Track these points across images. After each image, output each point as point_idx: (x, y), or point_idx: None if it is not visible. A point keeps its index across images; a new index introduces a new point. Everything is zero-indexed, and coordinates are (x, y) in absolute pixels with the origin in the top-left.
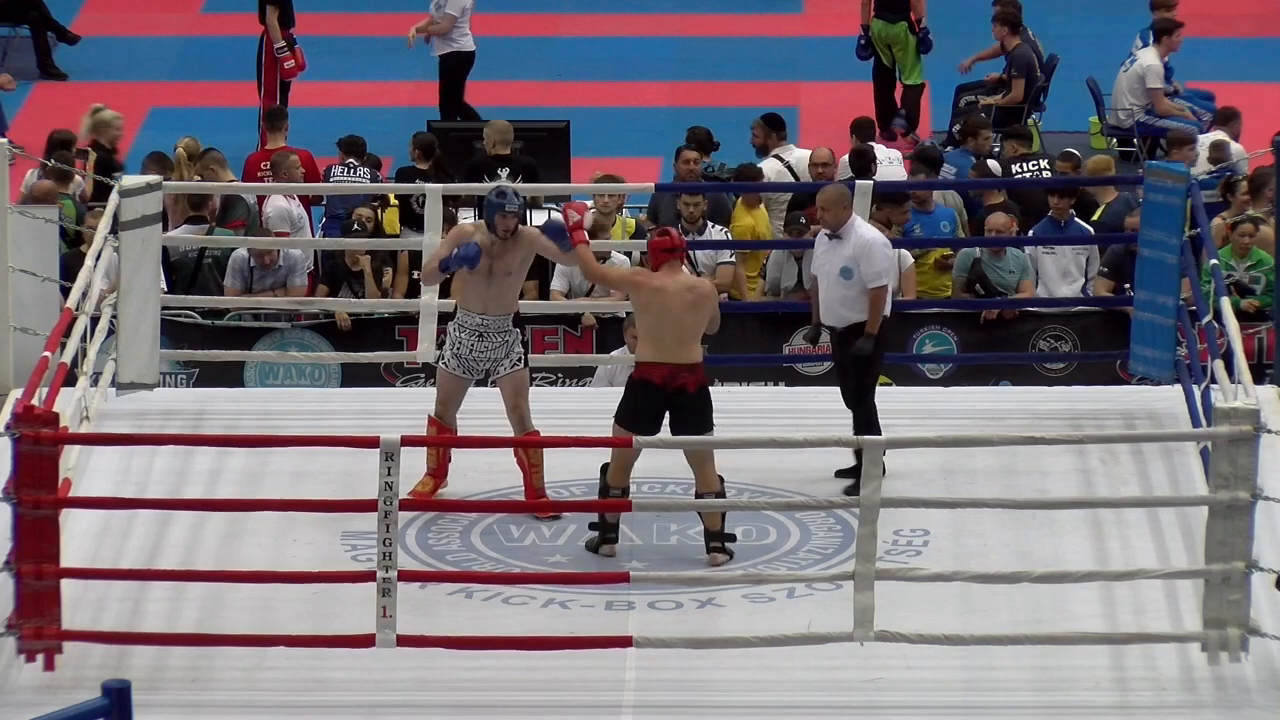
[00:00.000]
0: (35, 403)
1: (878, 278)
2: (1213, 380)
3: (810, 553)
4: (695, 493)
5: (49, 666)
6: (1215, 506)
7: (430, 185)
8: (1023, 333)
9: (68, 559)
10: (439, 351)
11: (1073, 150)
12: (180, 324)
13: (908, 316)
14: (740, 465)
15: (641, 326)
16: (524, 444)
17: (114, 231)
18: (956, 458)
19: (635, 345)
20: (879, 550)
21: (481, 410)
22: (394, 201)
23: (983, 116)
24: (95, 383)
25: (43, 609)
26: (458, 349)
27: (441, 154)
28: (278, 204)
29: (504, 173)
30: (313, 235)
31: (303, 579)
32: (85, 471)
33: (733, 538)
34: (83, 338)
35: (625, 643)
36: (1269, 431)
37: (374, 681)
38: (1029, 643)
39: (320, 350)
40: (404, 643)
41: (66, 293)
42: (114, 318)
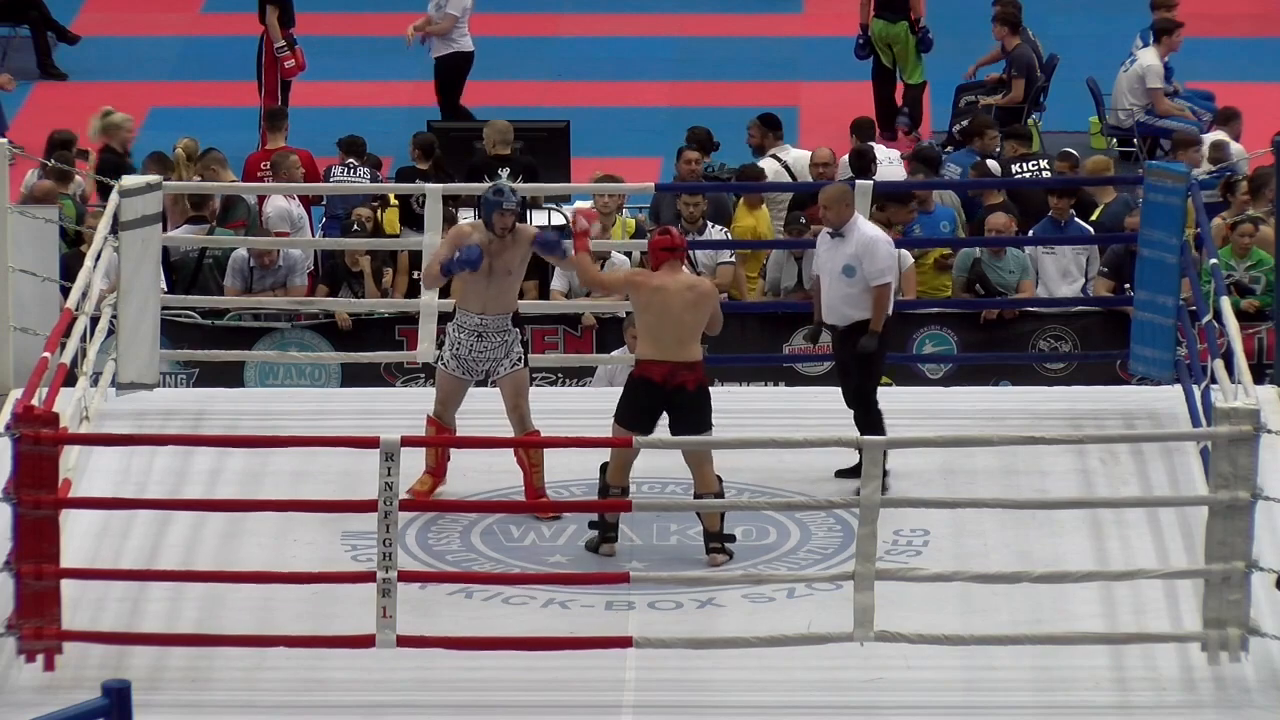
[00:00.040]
0: (35, 403)
1: (881, 275)
2: (1213, 380)
3: (810, 553)
4: (694, 494)
5: (49, 666)
6: (1215, 506)
7: (430, 185)
8: (1023, 333)
9: (68, 559)
10: (438, 352)
11: (1070, 150)
12: (180, 324)
13: (908, 316)
14: (740, 465)
15: (641, 325)
16: (524, 444)
17: (114, 231)
18: (956, 458)
19: (635, 345)
20: (879, 550)
21: (481, 410)
22: (394, 201)
23: (989, 116)
24: (95, 383)
25: (43, 609)
26: (457, 349)
27: (441, 154)
28: (278, 204)
29: (504, 173)
30: (313, 235)
31: (303, 579)
32: (85, 471)
33: (732, 538)
34: (83, 338)
35: (625, 643)
36: (1269, 431)
37: (374, 681)
38: (1029, 643)
39: (320, 350)
40: (404, 643)
41: (66, 293)
42: (114, 318)
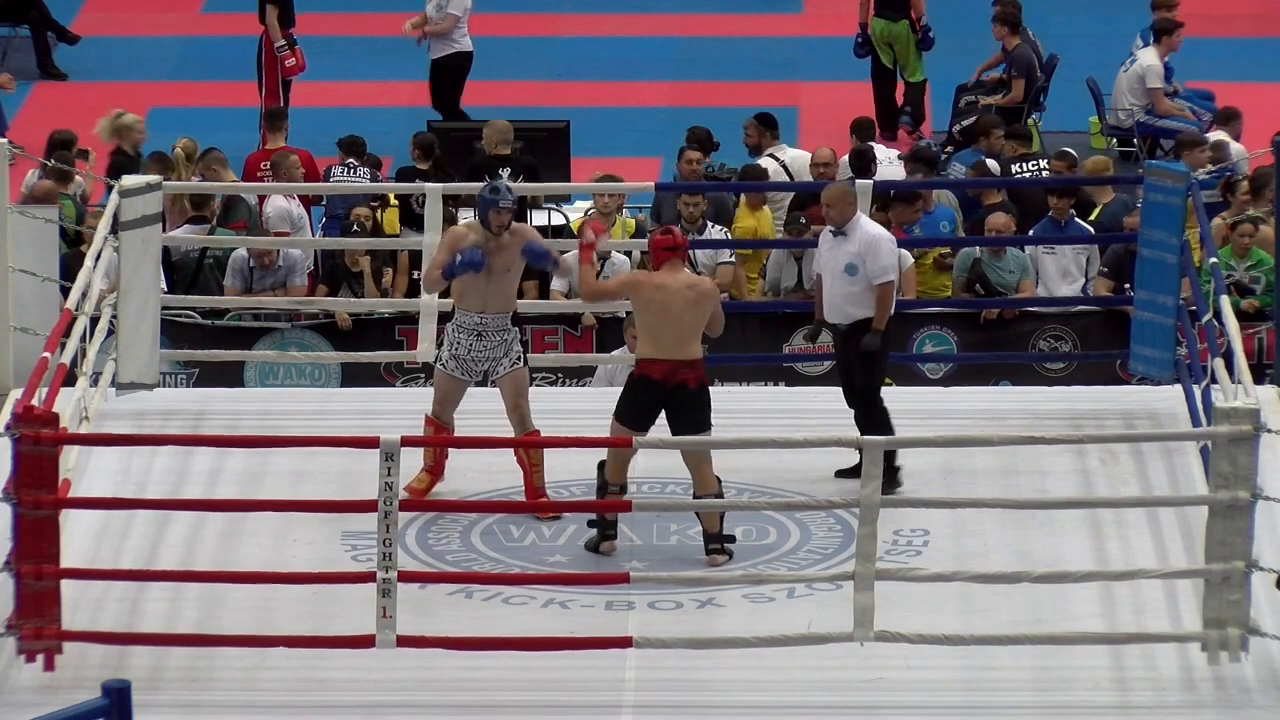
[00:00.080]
0: (35, 403)
1: (884, 273)
2: (1213, 380)
3: (810, 553)
4: (693, 494)
5: (49, 666)
6: (1215, 506)
7: (430, 185)
8: (1023, 333)
9: (67, 559)
10: (438, 352)
11: (1068, 150)
12: (180, 324)
13: (908, 316)
14: (740, 465)
15: (642, 325)
16: (524, 444)
17: (114, 231)
18: (956, 458)
19: (635, 345)
20: (879, 550)
21: (481, 410)
22: (394, 201)
23: (995, 116)
24: (95, 383)
25: (43, 609)
26: (456, 349)
27: (441, 154)
28: (278, 204)
29: (505, 173)
30: (313, 235)
31: (303, 579)
32: (85, 472)
33: (732, 539)
34: (82, 338)
35: (625, 643)
36: (1269, 431)
37: (374, 681)
38: (1029, 643)
39: (320, 350)
40: (404, 643)
41: (66, 293)
42: (114, 318)
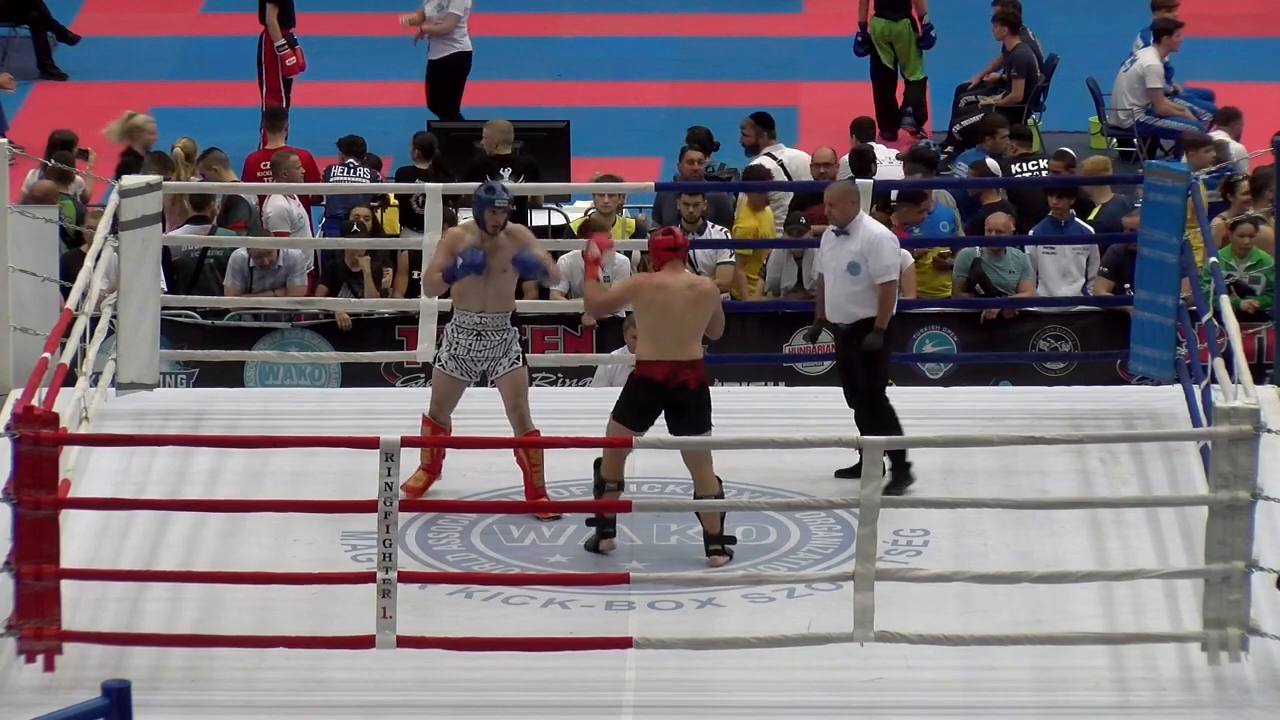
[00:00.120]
0: (35, 403)
1: (886, 273)
2: (1213, 380)
3: (810, 553)
4: (694, 495)
5: (49, 667)
6: (1215, 506)
7: (430, 185)
8: (1023, 333)
9: (67, 559)
10: (437, 352)
11: (1066, 149)
12: (180, 324)
13: (908, 316)
14: (740, 465)
15: (642, 325)
16: (524, 444)
17: (114, 231)
18: (956, 458)
19: (635, 345)
20: (879, 550)
21: (481, 410)
22: (394, 201)
23: (1000, 115)
24: (95, 383)
25: (43, 609)
26: (455, 349)
27: (441, 154)
28: (278, 204)
29: (506, 173)
30: (313, 235)
31: (303, 579)
32: (85, 472)
33: (733, 539)
34: (82, 338)
35: (625, 643)
36: (1269, 431)
37: (374, 681)
38: (1029, 643)
39: (320, 350)
40: (404, 643)
41: (66, 293)
42: (114, 318)
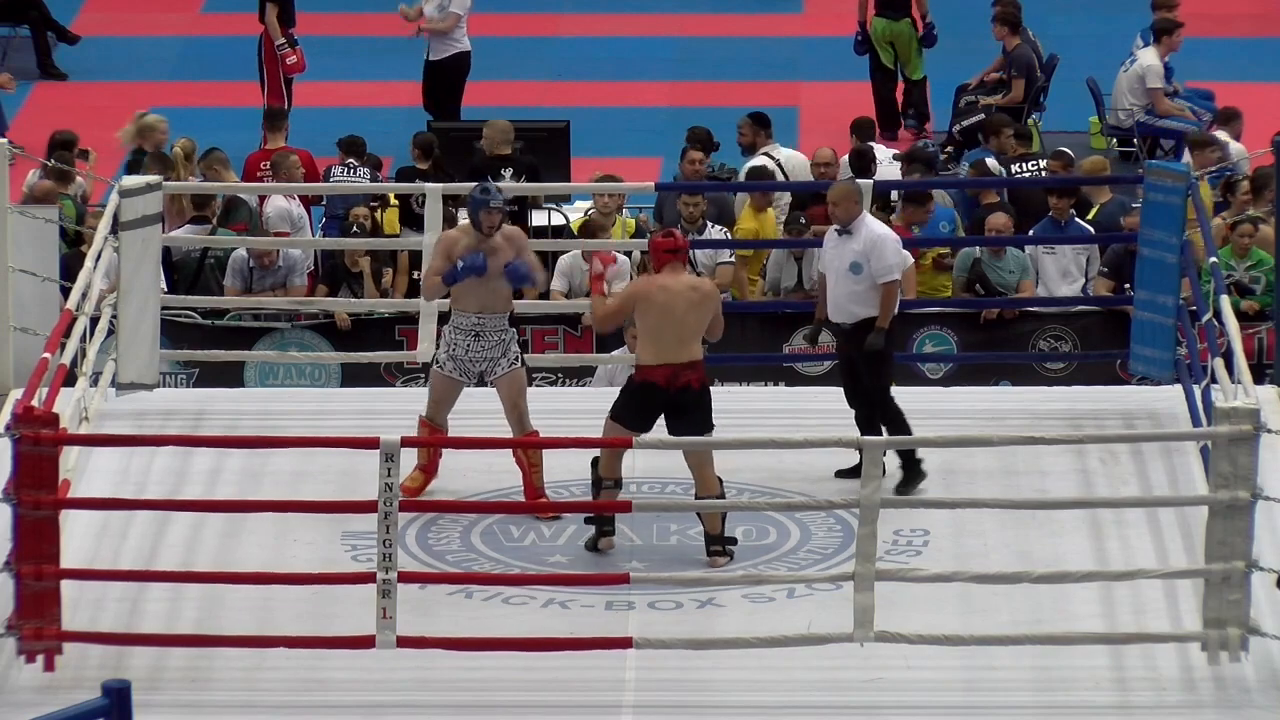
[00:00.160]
0: (35, 403)
1: (888, 272)
2: (1213, 380)
3: (810, 553)
4: (695, 495)
5: (49, 667)
6: (1215, 506)
7: (430, 185)
8: (1023, 333)
9: (67, 559)
10: (435, 353)
11: (1064, 149)
12: (180, 324)
13: (908, 316)
14: (740, 465)
15: (644, 327)
16: (523, 444)
17: (114, 231)
18: (956, 458)
19: (634, 345)
20: (879, 550)
21: (480, 410)
22: (394, 201)
23: (1004, 115)
24: (95, 383)
25: (43, 609)
26: (453, 350)
27: (441, 154)
28: (278, 204)
29: (507, 173)
30: (313, 235)
31: (303, 580)
32: (85, 472)
33: (733, 540)
34: (82, 338)
35: (625, 643)
36: (1269, 431)
37: (374, 681)
38: (1029, 643)
39: (320, 350)
40: (404, 644)
41: (66, 293)
42: (114, 318)
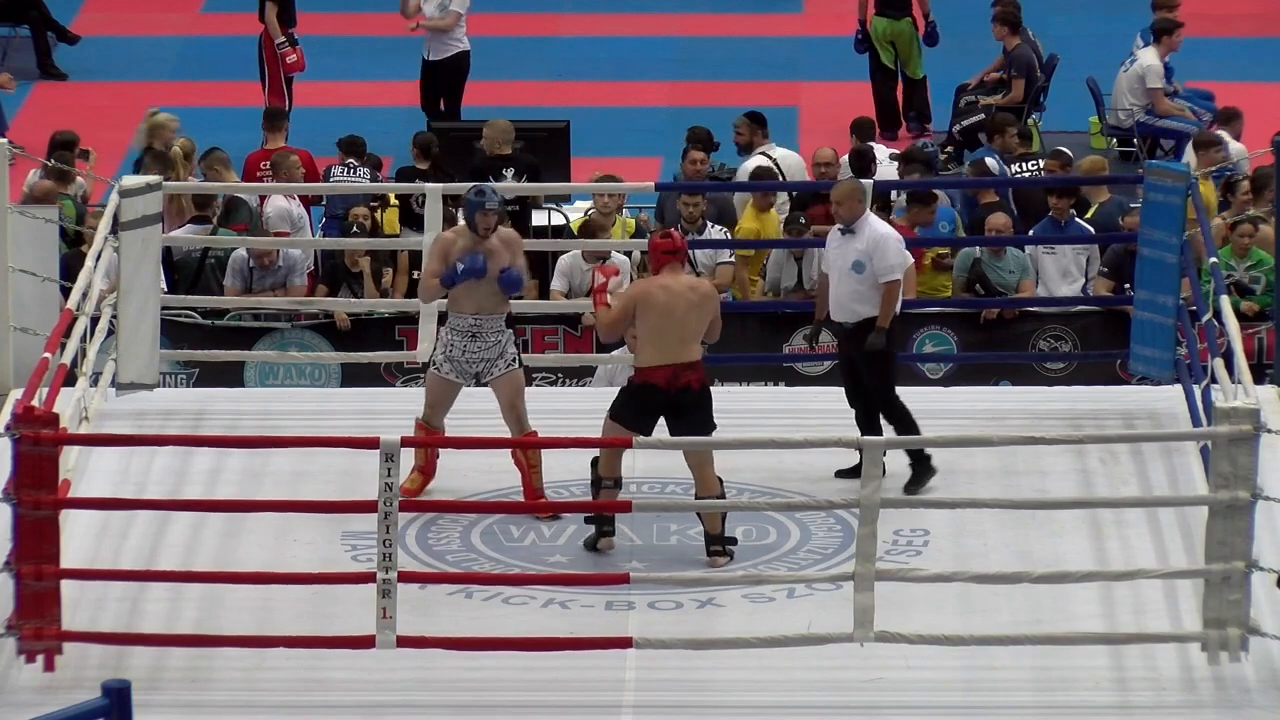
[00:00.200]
0: (35, 403)
1: (890, 271)
2: (1213, 380)
3: (810, 553)
4: (695, 496)
5: (49, 667)
6: (1215, 506)
7: (430, 185)
8: (1023, 333)
9: (67, 559)
10: (431, 355)
11: (1063, 149)
12: (180, 324)
13: (908, 316)
14: (740, 465)
15: (644, 328)
16: (524, 445)
17: (114, 231)
18: (956, 458)
19: (634, 344)
20: (879, 550)
21: (480, 410)
22: (394, 201)
23: (1008, 114)
24: (95, 383)
25: (43, 609)
26: (450, 351)
27: (440, 153)
28: (278, 204)
29: (509, 173)
30: (313, 235)
31: (303, 579)
32: (85, 472)
33: (733, 540)
34: (83, 338)
35: (625, 643)
36: (1269, 431)
37: (374, 681)
38: (1029, 643)
39: (320, 350)
40: (404, 643)
41: (66, 293)
42: (114, 318)
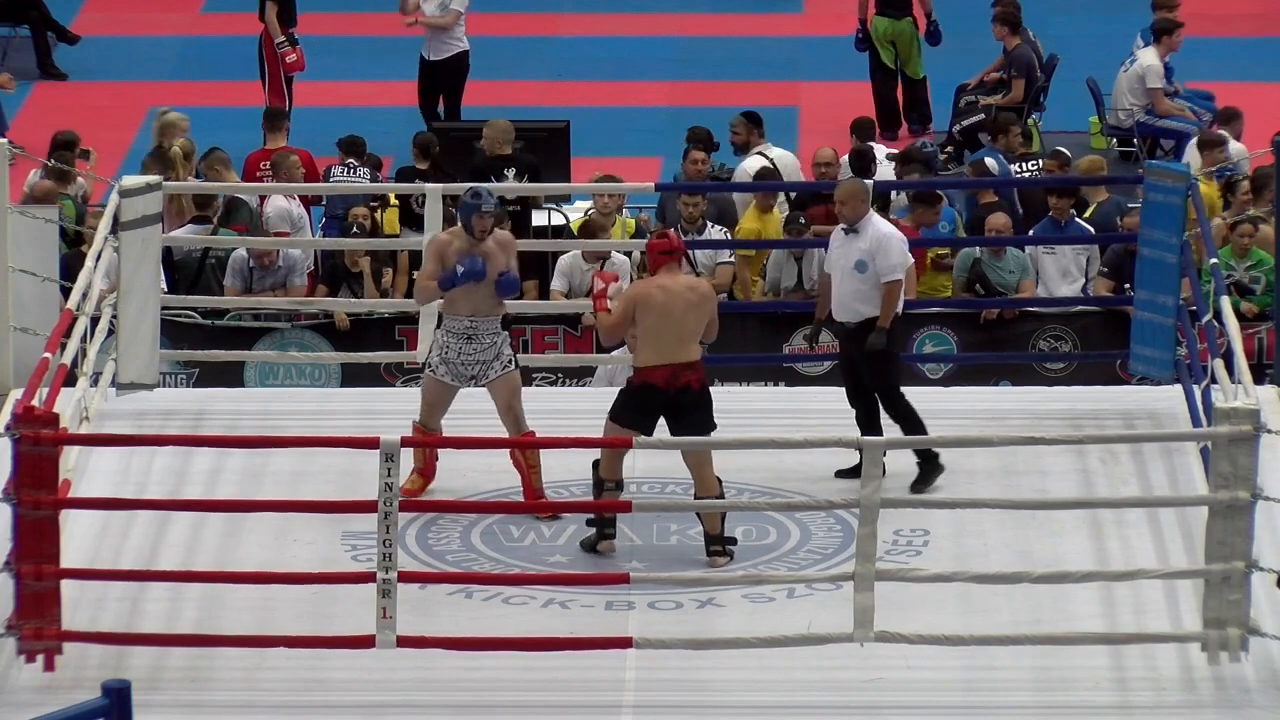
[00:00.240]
0: (35, 403)
1: (893, 271)
2: (1213, 380)
3: (810, 553)
4: (694, 495)
5: (49, 667)
6: (1215, 506)
7: (430, 185)
8: (1023, 333)
9: (67, 559)
10: (426, 357)
11: (1061, 149)
12: (180, 324)
13: (908, 316)
14: (740, 465)
15: (644, 328)
16: (524, 445)
17: (114, 231)
18: (956, 458)
19: (634, 344)
20: (879, 550)
21: (479, 410)
22: (394, 201)
23: (1011, 114)
24: (95, 383)
25: (43, 609)
26: (445, 354)
27: (440, 153)
28: (278, 204)
29: (510, 173)
30: (313, 235)
31: (303, 579)
32: (85, 472)
33: (733, 540)
34: (83, 338)
35: (625, 643)
36: (1269, 431)
37: (374, 681)
38: (1029, 643)
39: (320, 350)
40: (404, 643)
41: (66, 293)
42: (114, 318)
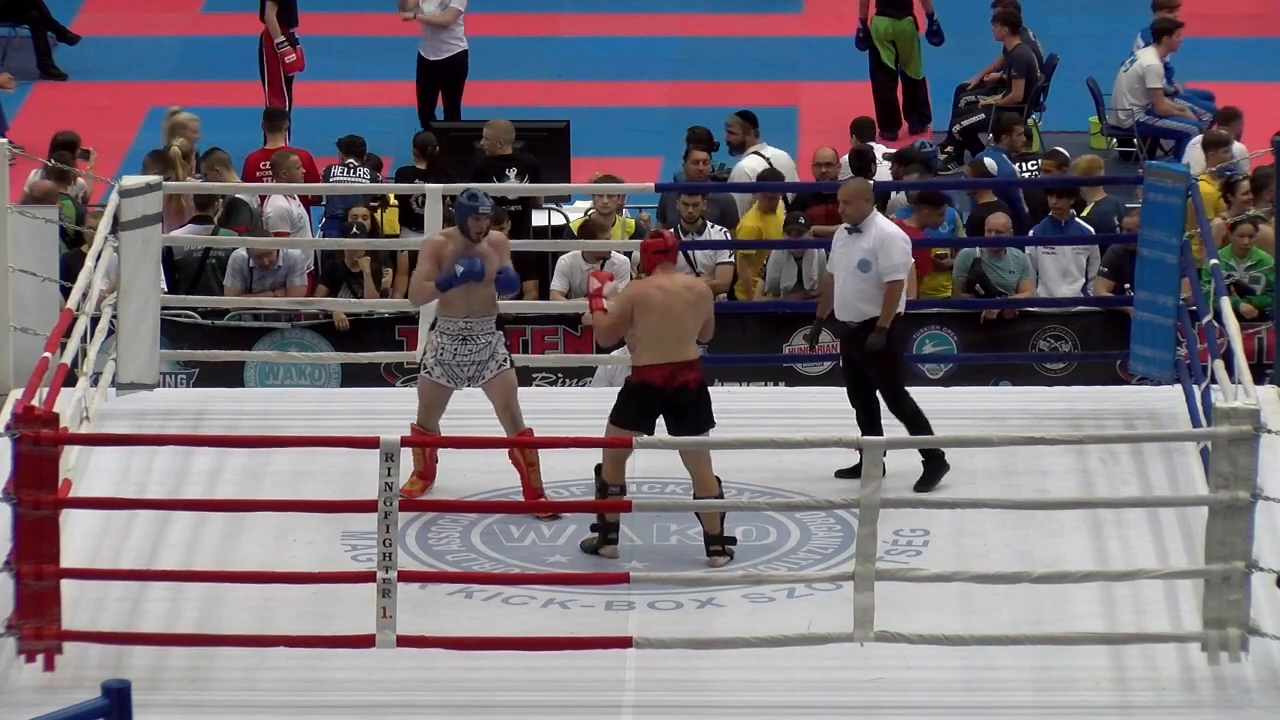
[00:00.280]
0: (35, 403)
1: (895, 271)
2: (1213, 380)
3: (810, 553)
4: (693, 495)
5: (49, 667)
6: (1215, 506)
7: (430, 185)
8: (1023, 333)
9: (68, 559)
10: (421, 359)
11: (1059, 149)
12: (180, 324)
13: (908, 317)
14: (740, 465)
15: (643, 328)
16: (523, 444)
17: (114, 231)
18: (956, 458)
19: (634, 344)
20: (879, 550)
21: (477, 410)
22: (394, 202)
23: (1014, 114)
24: (95, 383)
25: (43, 609)
26: (440, 355)
27: (440, 154)
28: (278, 204)
29: (511, 173)
30: (313, 235)
31: (303, 579)
32: (85, 472)
33: (733, 540)
34: (83, 338)
35: (625, 643)
36: (1269, 431)
37: (374, 681)
38: (1029, 643)
39: (320, 350)
40: (404, 643)
41: (66, 293)
42: (114, 318)
